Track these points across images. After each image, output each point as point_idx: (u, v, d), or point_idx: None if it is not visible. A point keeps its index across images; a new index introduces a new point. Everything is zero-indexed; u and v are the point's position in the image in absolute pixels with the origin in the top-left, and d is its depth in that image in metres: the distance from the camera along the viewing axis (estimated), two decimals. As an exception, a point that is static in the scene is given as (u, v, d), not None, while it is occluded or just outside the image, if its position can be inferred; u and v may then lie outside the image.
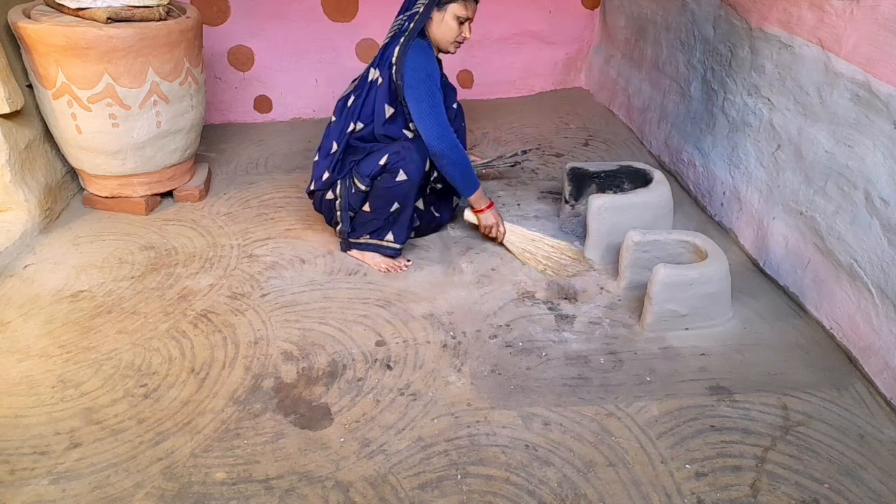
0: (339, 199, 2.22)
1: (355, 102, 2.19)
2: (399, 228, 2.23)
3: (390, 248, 2.25)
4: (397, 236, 2.23)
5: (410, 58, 2.09)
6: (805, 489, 1.49)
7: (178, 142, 2.54)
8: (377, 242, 2.25)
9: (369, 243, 2.26)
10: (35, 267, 2.24)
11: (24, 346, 1.88)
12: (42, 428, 1.62)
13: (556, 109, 3.73)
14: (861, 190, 1.85)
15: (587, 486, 1.49)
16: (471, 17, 2.16)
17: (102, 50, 2.19)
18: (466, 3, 2.12)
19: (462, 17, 2.13)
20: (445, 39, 2.17)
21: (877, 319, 1.79)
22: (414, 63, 2.09)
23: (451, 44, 2.18)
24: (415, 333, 1.97)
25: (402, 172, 2.11)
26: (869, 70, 1.80)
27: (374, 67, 2.17)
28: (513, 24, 3.70)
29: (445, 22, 2.13)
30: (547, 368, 1.85)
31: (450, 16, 2.12)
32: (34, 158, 2.44)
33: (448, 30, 2.14)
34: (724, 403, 1.73)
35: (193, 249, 2.36)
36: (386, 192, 2.15)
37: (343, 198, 2.21)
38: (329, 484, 1.49)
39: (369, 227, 2.23)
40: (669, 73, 3.02)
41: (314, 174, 2.27)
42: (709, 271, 1.91)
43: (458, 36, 2.17)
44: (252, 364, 1.84)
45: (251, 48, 3.41)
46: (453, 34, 2.15)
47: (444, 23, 2.13)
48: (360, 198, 2.20)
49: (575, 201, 2.49)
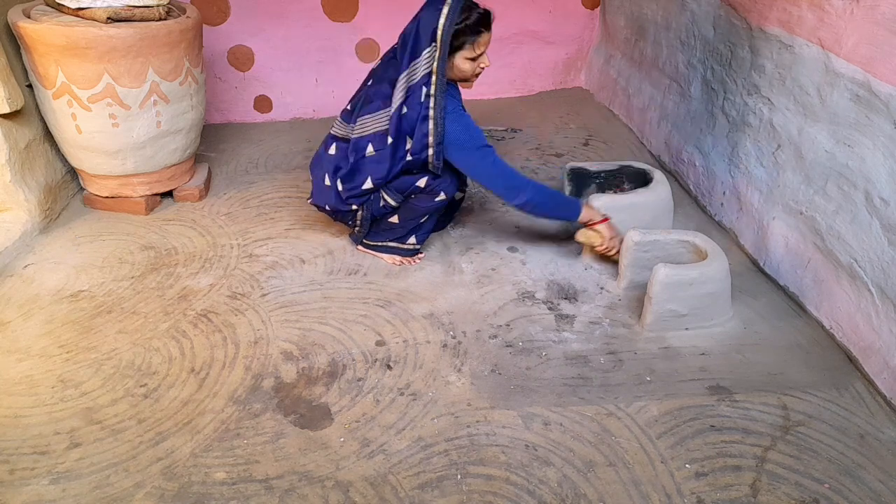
0: (362, 211, 2.19)
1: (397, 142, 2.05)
2: (422, 233, 2.25)
3: (411, 250, 2.26)
4: (419, 239, 2.25)
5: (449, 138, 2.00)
6: (805, 489, 1.49)
7: (178, 142, 2.54)
8: (398, 245, 2.25)
9: (388, 245, 2.27)
10: (35, 267, 2.24)
11: (24, 345, 1.88)
12: (42, 428, 1.62)
13: (556, 109, 3.73)
14: (861, 190, 1.85)
15: (587, 485, 1.49)
16: (483, 50, 2.05)
17: (102, 50, 2.19)
18: (475, 44, 2.01)
19: (475, 56, 2.03)
20: (463, 77, 2.09)
21: (877, 319, 1.79)
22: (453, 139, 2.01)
23: (471, 77, 2.10)
24: (415, 333, 1.97)
25: (442, 193, 2.13)
26: (869, 70, 1.80)
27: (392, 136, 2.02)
28: (513, 23, 3.70)
29: (457, 66, 2.04)
30: (547, 368, 1.85)
31: (460, 60, 2.02)
32: (34, 158, 2.44)
33: (463, 71, 2.06)
34: (724, 403, 1.73)
35: (193, 249, 2.36)
36: (420, 208, 2.16)
37: (367, 209, 2.18)
38: (329, 484, 1.49)
39: (393, 235, 2.23)
40: (669, 73, 3.02)
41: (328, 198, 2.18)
42: (709, 271, 1.91)
43: (476, 70, 2.08)
44: (252, 364, 1.84)
45: (251, 48, 3.41)
46: (470, 72, 2.07)
47: (457, 68, 2.04)
48: (388, 210, 2.17)
49: (575, 201, 2.49)
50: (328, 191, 2.17)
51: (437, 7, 1.93)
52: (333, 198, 2.17)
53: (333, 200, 2.17)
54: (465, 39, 1.98)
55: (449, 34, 1.93)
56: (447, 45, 1.94)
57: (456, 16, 1.93)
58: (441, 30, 1.92)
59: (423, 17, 1.96)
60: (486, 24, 2.01)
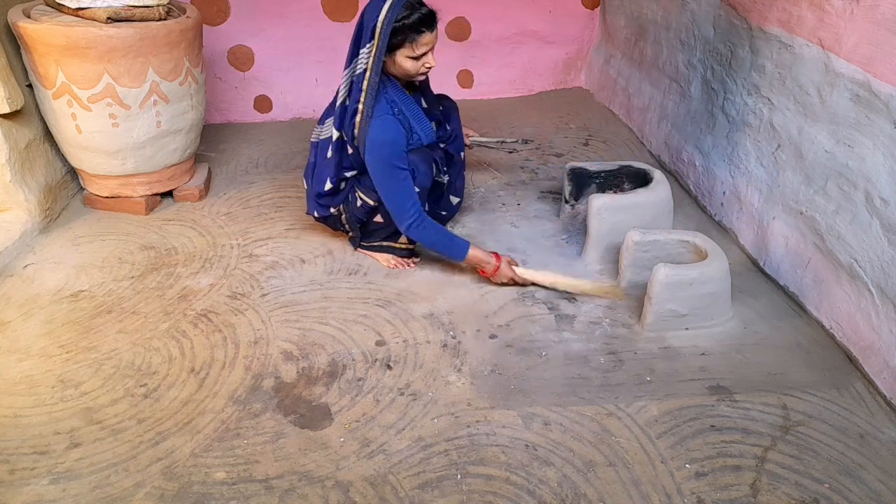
0: (344, 214, 2.21)
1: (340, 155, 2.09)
2: None
3: (404, 250, 2.26)
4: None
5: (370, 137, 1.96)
6: (805, 489, 1.49)
7: (178, 142, 2.54)
8: (391, 244, 2.25)
9: (382, 245, 2.27)
10: (35, 267, 2.24)
11: (24, 345, 1.88)
12: (42, 428, 1.62)
13: (556, 109, 3.73)
14: (861, 190, 1.85)
15: (587, 485, 1.49)
16: (428, 50, 1.96)
17: (102, 50, 2.19)
18: (414, 44, 1.92)
19: (416, 56, 1.95)
20: (407, 76, 2.02)
21: (877, 319, 1.79)
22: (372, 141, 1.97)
23: (415, 77, 2.02)
24: (415, 333, 1.97)
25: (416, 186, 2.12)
26: (869, 70, 1.80)
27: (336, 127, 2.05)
28: (513, 23, 3.70)
29: (399, 64, 1.97)
30: (547, 368, 1.85)
31: (400, 58, 1.96)
32: (34, 158, 2.44)
33: (405, 69, 1.98)
34: (724, 403, 1.73)
35: (193, 249, 2.36)
36: None
37: (348, 213, 2.19)
38: (329, 484, 1.49)
39: (382, 234, 2.23)
40: (669, 73, 3.02)
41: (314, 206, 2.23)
42: (709, 271, 1.91)
43: (419, 69, 1.99)
44: (252, 364, 1.84)
45: (251, 48, 3.41)
46: (413, 71, 1.99)
47: (398, 65, 1.98)
48: (367, 210, 2.17)
49: (575, 201, 2.49)
50: (311, 198, 2.22)
51: (380, 2, 1.90)
52: (314, 204, 2.20)
53: (315, 207, 2.21)
54: (404, 37, 1.92)
55: (387, 32, 1.89)
56: (385, 42, 1.90)
57: (396, 13, 1.88)
58: (379, 27, 1.89)
59: (367, 11, 1.94)
60: (429, 24, 1.93)
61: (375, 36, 1.90)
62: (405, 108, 2.07)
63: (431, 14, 1.95)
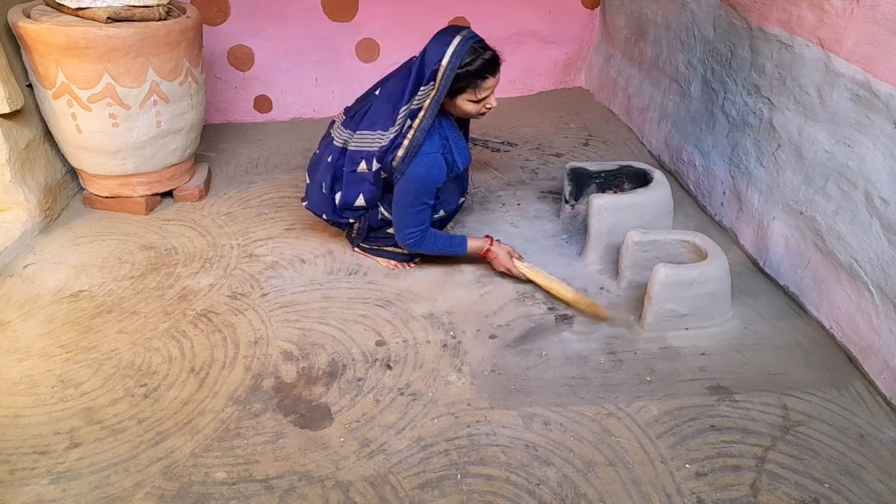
0: (360, 223, 2.20)
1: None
2: None
3: (406, 255, 2.26)
4: None
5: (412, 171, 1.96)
6: (805, 489, 1.49)
7: (178, 141, 2.54)
8: (394, 250, 2.24)
9: (384, 250, 2.26)
10: (35, 267, 2.24)
11: (24, 345, 1.88)
12: (42, 428, 1.62)
13: (556, 109, 3.73)
14: (861, 190, 1.85)
15: (587, 485, 1.49)
16: (488, 95, 1.95)
17: (102, 50, 2.19)
18: (477, 89, 1.89)
19: (478, 99, 1.93)
20: (466, 116, 2.02)
21: (877, 319, 1.79)
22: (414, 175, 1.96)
23: (475, 117, 2.03)
24: (415, 333, 1.97)
25: (442, 210, 2.15)
26: (869, 70, 1.80)
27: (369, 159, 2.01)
28: (512, 23, 3.70)
29: (459, 107, 1.96)
30: (547, 368, 1.85)
31: (461, 102, 1.94)
32: (34, 158, 2.44)
33: (465, 111, 1.98)
34: (724, 403, 1.73)
35: (193, 249, 2.36)
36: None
37: (365, 221, 2.19)
38: (329, 484, 1.49)
39: (390, 241, 2.22)
40: (669, 73, 3.02)
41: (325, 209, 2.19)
42: (709, 271, 1.91)
43: (480, 111, 1.98)
44: (252, 364, 1.84)
45: (251, 48, 3.41)
46: (474, 112, 1.98)
47: (458, 108, 1.97)
48: (385, 223, 2.17)
49: (575, 201, 2.49)
50: (326, 201, 2.18)
51: (445, 43, 1.85)
52: (331, 210, 2.18)
53: (331, 213, 2.19)
54: (467, 83, 1.89)
55: (450, 78, 1.85)
56: (446, 87, 1.87)
57: (460, 59, 1.84)
58: (442, 72, 1.84)
59: (429, 50, 1.88)
60: (492, 69, 1.90)
61: (437, 80, 1.86)
62: (453, 144, 2.05)
63: (495, 59, 1.91)
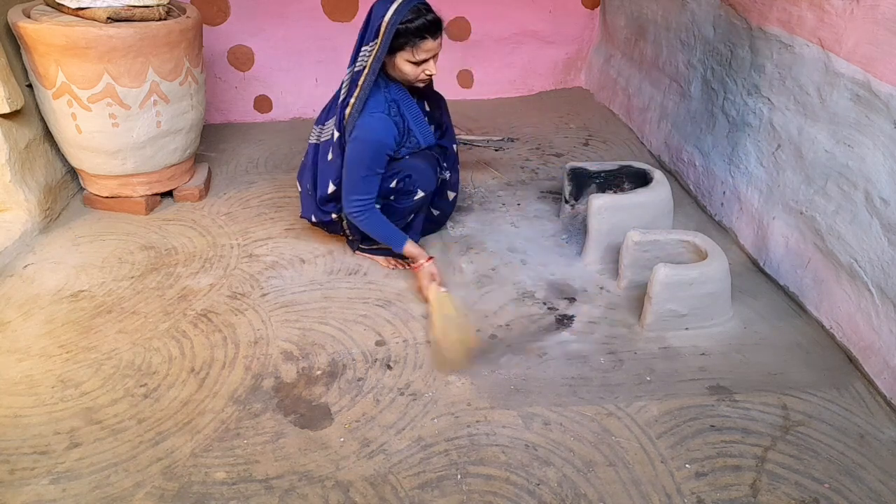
0: (345, 220, 2.20)
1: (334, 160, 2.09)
2: (413, 233, 2.24)
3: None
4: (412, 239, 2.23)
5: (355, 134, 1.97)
6: (805, 489, 1.49)
7: (178, 141, 2.54)
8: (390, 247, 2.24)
9: (381, 248, 2.26)
10: (35, 267, 2.24)
11: (24, 345, 1.88)
12: (42, 428, 1.62)
13: (556, 109, 3.73)
14: (861, 190, 1.85)
15: (587, 485, 1.49)
16: (431, 56, 1.95)
17: (102, 50, 2.19)
18: (414, 49, 1.91)
19: (416, 61, 1.94)
20: (405, 80, 2.01)
21: (877, 319, 1.79)
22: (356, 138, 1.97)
23: (413, 82, 2.01)
24: (415, 333, 1.97)
25: (419, 190, 2.12)
26: (869, 70, 1.80)
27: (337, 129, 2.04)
28: (513, 23, 3.70)
29: (398, 67, 1.96)
30: (547, 368, 1.85)
31: (400, 61, 1.94)
32: (34, 158, 2.44)
33: (404, 73, 1.97)
34: (724, 403, 1.73)
35: (193, 249, 2.36)
36: (400, 209, 2.15)
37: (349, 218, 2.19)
38: (329, 484, 1.49)
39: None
40: (669, 73, 3.02)
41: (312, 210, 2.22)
42: (709, 271, 1.91)
43: (419, 76, 1.98)
44: (252, 364, 1.84)
45: (251, 48, 3.41)
46: (412, 76, 1.97)
47: (398, 68, 1.97)
48: None
49: (575, 201, 2.49)
50: (310, 202, 2.20)
51: (388, 2, 1.90)
52: (314, 208, 2.19)
53: (317, 213, 2.20)
54: (405, 41, 1.90)
55: (391, 33, 1.88)
56: (387, 43, 1.90)
57: (401, 15, 1.87)
58: (384, 26, 1.88)
59: (374, 8, 1.93)
60: (433, 31, 1.91)
61: (379, 35, 1.90)
62: (406, 110, 2.06)
63: (437, 21, 1.93)
